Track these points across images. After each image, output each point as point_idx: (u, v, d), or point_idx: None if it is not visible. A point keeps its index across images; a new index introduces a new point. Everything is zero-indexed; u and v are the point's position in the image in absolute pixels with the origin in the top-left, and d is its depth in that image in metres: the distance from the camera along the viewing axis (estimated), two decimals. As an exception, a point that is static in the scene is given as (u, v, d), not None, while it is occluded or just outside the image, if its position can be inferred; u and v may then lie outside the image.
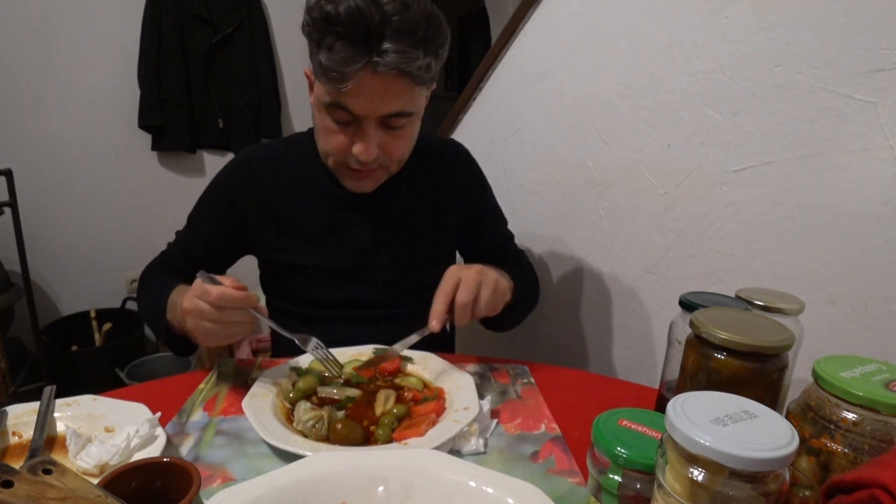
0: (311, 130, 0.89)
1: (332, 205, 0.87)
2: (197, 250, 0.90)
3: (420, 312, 0.76)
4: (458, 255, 1.04)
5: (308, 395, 0.68)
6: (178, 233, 0.94)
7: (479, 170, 1.00)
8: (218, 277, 0.65)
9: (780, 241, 0.72)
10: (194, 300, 0.64)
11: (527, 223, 1.22)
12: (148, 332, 2.33)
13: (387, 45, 0.65)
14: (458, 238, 0.99)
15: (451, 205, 0.94)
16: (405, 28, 0.65)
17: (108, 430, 0.59)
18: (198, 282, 0.65)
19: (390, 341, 0.77)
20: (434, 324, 0.70)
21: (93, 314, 2.09)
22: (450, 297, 0.71)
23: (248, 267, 0.98)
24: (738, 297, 0.61)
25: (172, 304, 0.74)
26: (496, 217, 1.03)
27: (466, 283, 0.71)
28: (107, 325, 2.07)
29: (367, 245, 0.89)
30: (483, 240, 1.00)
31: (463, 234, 0.99)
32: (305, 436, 0.59)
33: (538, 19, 1.18)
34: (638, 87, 0.92)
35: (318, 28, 0.67)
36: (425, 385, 0.71)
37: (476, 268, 0.74)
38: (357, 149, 0.74)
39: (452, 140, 0.99)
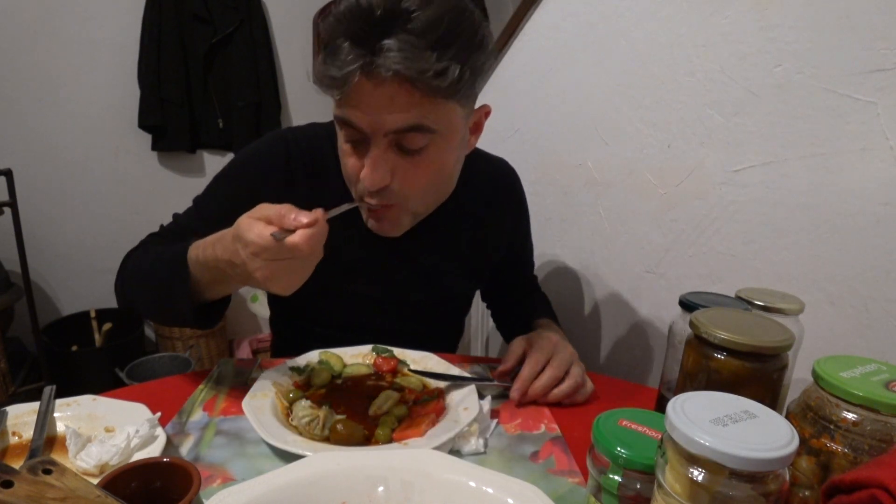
0: None
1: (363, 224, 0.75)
2: (202, 234, 0.78)
3: (432, 343, 0.75)
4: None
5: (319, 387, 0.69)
6: (176, 215, 0.80)
7: (526, 203, 0.91)
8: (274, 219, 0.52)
9: (780, 241, 0.72)
10: (263, 267, 0.52)
11: (527, 223, 1.22)
12: (148, 332, 2.33)
13: (388, 42, 0.55)
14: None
15: (495, 242, 0.86)
16: (418, 26, 0.55)
17: (108, 430, 0.59)
18: (258, 237, 0.51)
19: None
20: (517, 396, 0.67)
21: (93, 314, 2.09)
22: (536, 371, 0.67)
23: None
24: (738, 297, 0.61)
25: (202, 263, 0.61)
26: (529, 254, 0.97)
27: (558, 363, 0.67)
28: (107, 325, 2.07)
29: (394, 275, 0.81)
30: (513, 278, 0.96)
31: (497, 269, 0.92)
32: (301, 434, 0.59)
33: (538, 19, 1.18)
34: (638, 87, 0.92)
35: (327, 33, 0.59)
36: (425, 385, 0.71)
37: (571, 349, 0.69)
38: (363, 172, 0.63)
39: (503, 161, 0.88)
